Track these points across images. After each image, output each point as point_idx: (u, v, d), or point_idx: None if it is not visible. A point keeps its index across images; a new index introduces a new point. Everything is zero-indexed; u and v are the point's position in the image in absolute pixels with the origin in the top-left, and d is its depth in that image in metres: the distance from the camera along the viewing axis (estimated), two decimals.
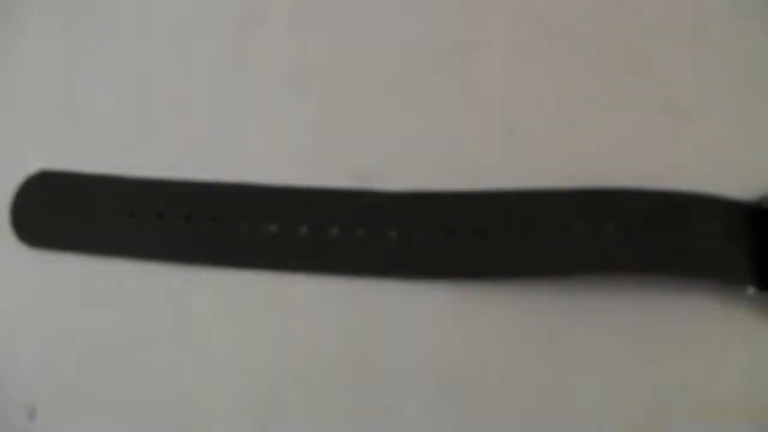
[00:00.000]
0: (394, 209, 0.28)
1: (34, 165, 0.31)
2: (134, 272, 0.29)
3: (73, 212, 0.30)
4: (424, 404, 0.27)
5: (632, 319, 0.27)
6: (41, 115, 0.32)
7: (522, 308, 0.27)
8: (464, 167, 0.29)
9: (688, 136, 0.30)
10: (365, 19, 0.31)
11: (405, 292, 0.27)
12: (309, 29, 0.31)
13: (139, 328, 0.28)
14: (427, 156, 0.29)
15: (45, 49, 0.33)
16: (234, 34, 0.31)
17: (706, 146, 0.30)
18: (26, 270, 0.30)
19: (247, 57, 0.31)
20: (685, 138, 0.30)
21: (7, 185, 0.30)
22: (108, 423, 0.28)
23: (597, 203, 0.27)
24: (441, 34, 0.31)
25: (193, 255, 0.28)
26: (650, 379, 0.27)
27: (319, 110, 0.30)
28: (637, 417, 0.27)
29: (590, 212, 0.27)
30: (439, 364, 0.27)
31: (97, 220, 0.29)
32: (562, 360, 0.27)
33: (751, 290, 0.27)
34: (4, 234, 0.30)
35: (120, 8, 0.33)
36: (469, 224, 0.27)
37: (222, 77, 0.31)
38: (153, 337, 0.28)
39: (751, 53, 0.31)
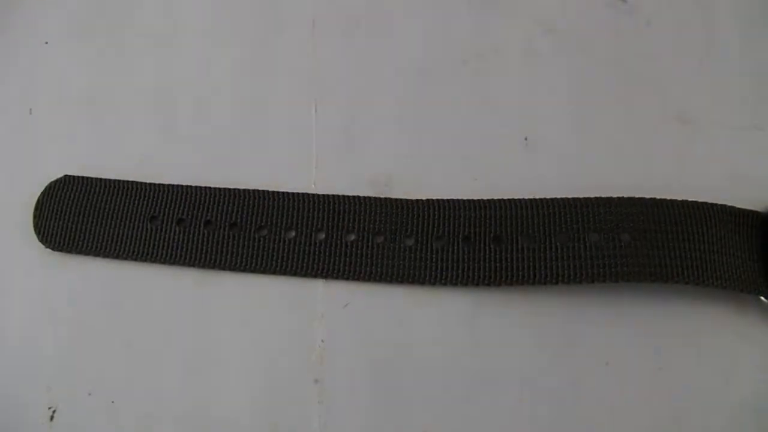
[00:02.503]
0: (412, 216, 0.28)
1: (56, 170, 0.31)
2: (154, 276, 0.29)
3: (94, 217, 0.30)
4: (439, 408, 0.27)
5: (646, 325, 0.28)
6: (64, 122, 0.32)
7: (537, 315, 0.28)
8: (482, 176, 0.29)
9: (701, 146, 0.30)
10: (385, 29, 0.32)
11: (422, 298, 0.28)
12: (329, 39, 0.32)
13: (159, 332, 0.29)
14: (445, 164, 0.29)
15: (68, 57, 0.33)
16: (255, 45, 0.32)
17: (719, 157, 0.30)
18: (48, 273, 0.30)
19: (267, 66, 0.32)
20: (697, 149, 0.30)
21: (30, 190, 0.31)
22: (126, 425, 0.28)
23: (611, 213, 0.27)
24: (459, 45, 0.31)
25: (212, 260, 0.29)
26: (664, 384, 0.27)
27: (339, 118, 0.30)
28: (651, 422, 0.27)
29: (604, 222, 0.27)
30: (455, 368, 0.27)
31: (117, 224, 0.30)
32: (576, 365, 0.27)
33: (763, 299, 0.28)
34: (26, 237, 0.30)
35: (142, 18, 0.33)
36: (485, 232, 0.28)
37: (242, 86, 0.31)
38: (172, 340, 0.28)
39: (762, 64, 0.31)
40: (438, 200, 0.28)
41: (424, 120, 0.30)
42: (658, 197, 0.27)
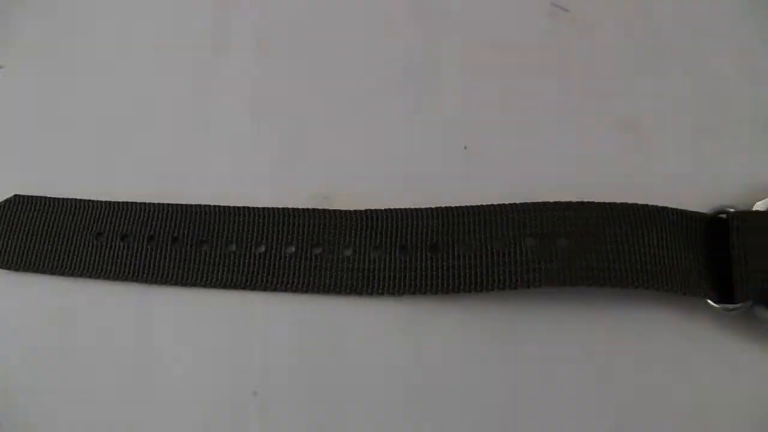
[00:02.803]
0: (350, 228, 0.28)
1: (6, 190, 0.32)
2: (98, 292, 0.30)
3: (43, 235, 0.31)
4: (379, 419, 0.27)
5: (590, 331, 0.27)
6: (14, 142, 0.33)
7: (477, 323, 0.27)
8: (421, 186, 0.29)
9: (647, 152, 0.30)
10: (326, 45, 0.32)
11: (360, 309, 0.28)
12: (271, 57, 0.32)
13: (101, 347, 0.29)
14: (385, 175, 0.30)
15: (19, 80, 0.34)
16: (199, 63, 0.32)
17: (664, 161, 0.30)
18: None
19: (211, 84, 0.32)
20: (643, 154, 0.30)
21: None
22: None
23: (547, 217, 0.27)
24: (400, 58, 0.32)
25: (154, 275, 0.29)
26: (610, 391, 0.27)
27: (281, 133, 0.31)
28: (596, 430, 0.26)
29: (541, 226, 0.27)
30: (395, 379, 0.27)
31: (65, 242, 0.30)
32: (518, 373, 0.27)
33: (710, 302, 0.27)
34: None
35: (88, 41, 0.34)
36: (422, 241, 0.28)
37: (187, 105, 0.32)
38: (114, 356, 0.29)
39: (706, 68, 0.31)
40: (375, 210, 0.28)
41: (365, 133, 0.30)
42: (596, 201, 0.27)
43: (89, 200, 0.31)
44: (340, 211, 0.28)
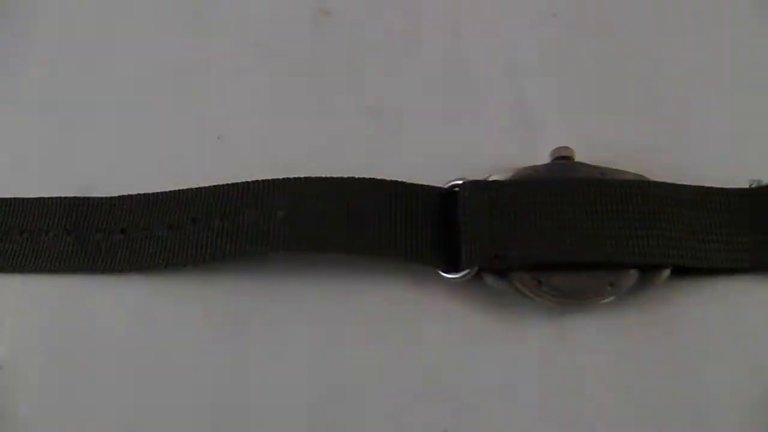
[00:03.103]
0: (101, 214, 0.30)
1: None
2: None
3: None
4: (116, 391, 0.28)
5: (322, 302, 0.28)
6: None
7: (210, 296, 0.29)
8: (178, 173, 0.31)
9: (398, 135, 0.32)
10: (101, 48, 0.35)
11: (105, 288, 0.29)
12: (58, 66, 0.35)
13: None
14: (147, 166, 0.32)
15: None
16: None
17: (415, 143, 0.32)
18: None
19: (12, 91, 0.35)
20: (394, 137, 0.32)
21: None
22: None
23: (268, 193, 0.29)
24: (170, 60, 0.34)
25: None
26: (340, 363, 0.27)
27: (59, 133, 0.33)
28: (322, 399, 0.27)
29: (262, 201, 0.29)
30: (129, 353, 0.28)
31: None
32: (246, 348, 0.28)
33: (441, 273, 0.28)
34: None
35: None
36: (162, 221, 0.30)
37: None
38: None
39: (460, 58, 0.33)
40: (124, 197, 0.30)
41: (132, 128, 0.33)
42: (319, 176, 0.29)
43: None
44: (93, 199, 0.31)
